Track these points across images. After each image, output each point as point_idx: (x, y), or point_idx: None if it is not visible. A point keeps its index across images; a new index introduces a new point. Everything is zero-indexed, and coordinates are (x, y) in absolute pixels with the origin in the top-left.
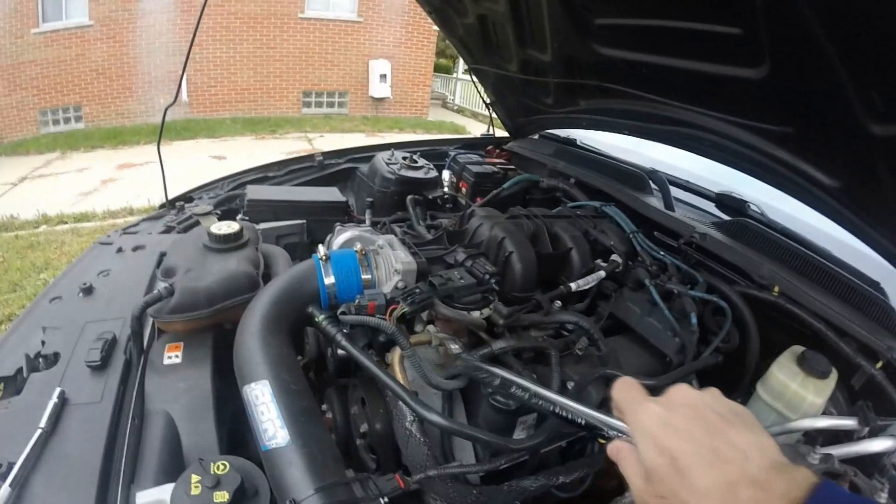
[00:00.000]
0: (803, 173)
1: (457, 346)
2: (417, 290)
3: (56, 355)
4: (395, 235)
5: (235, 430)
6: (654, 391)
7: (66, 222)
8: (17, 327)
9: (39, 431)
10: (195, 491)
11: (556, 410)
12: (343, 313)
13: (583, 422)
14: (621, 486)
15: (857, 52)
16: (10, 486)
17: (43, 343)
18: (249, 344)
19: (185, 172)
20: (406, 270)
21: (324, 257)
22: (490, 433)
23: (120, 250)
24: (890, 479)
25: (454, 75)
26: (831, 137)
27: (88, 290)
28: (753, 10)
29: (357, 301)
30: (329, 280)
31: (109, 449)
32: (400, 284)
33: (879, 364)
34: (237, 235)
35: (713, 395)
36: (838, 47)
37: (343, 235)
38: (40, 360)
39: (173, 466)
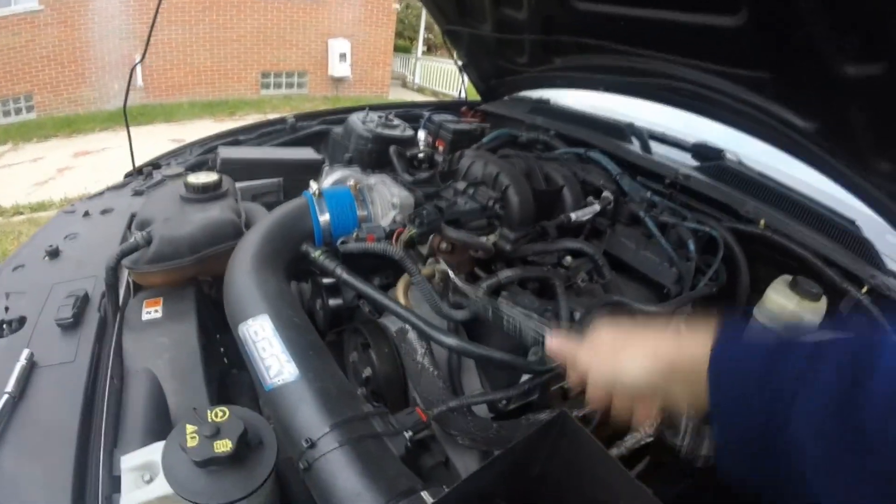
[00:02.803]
0: (779, 118)
1: (459, 279)
2: (425, 212)
3: (22, 319)
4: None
5: (222, 394)
6: (659, 318)
7: (22, 213)
8: None
9: (6, 397)
10: (192, 443)
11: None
12: (344, 242)
13: None
14: (615, 435)
15: None
16: None
17: (7, 309)
18: (242, 281)
19: (145, 157)
20: (404, 204)
21: (316, 193)
22: (512, 355)
23: (87, 214)
24: None
25: (413, 55)
26: (807, 81)
27: (55, 253)
28: None
29: (355, 234)
30: (324, 217)
31: (87, 412)
32: (398, 218)
33: (865, 289)
34: (217, 184)
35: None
36: None
37: (334, 175)
38: (3, 327)
39: (160, 428)
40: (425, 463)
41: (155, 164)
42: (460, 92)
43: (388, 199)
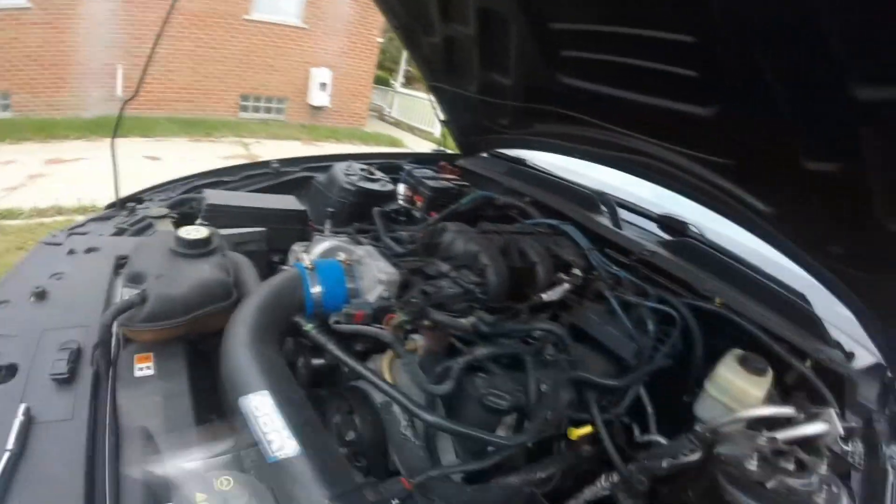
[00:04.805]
0: (742, 201)
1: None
2: (414, 300)
3: (13, 367)
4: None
5: None
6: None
7: None
8: None
9: (7, 454)
10: None
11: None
12: (337, 322)
13: None
14: (575, 486)
15: (801, 100)
16: None
17: None
18: (240, 354)
19: (119, 172)
20: (390, 281)
21: (309, 266)
22: (491, 433)
23: (71, 252)
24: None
25: (392, 88)
26: (770, 171)
27: (41, 295)
28: (713, 57)
29: (345, 310)
30: (316, 289)
31: (90, 471)
32: (385, 294)
33: (809, 363)
34: (207, 241)
35: None
36: (785, 96)
37: (323, 245)
38: None
39: (159, 486)
40: None
41: (138, 199)
42: (441, 143)
43: (375, 275)
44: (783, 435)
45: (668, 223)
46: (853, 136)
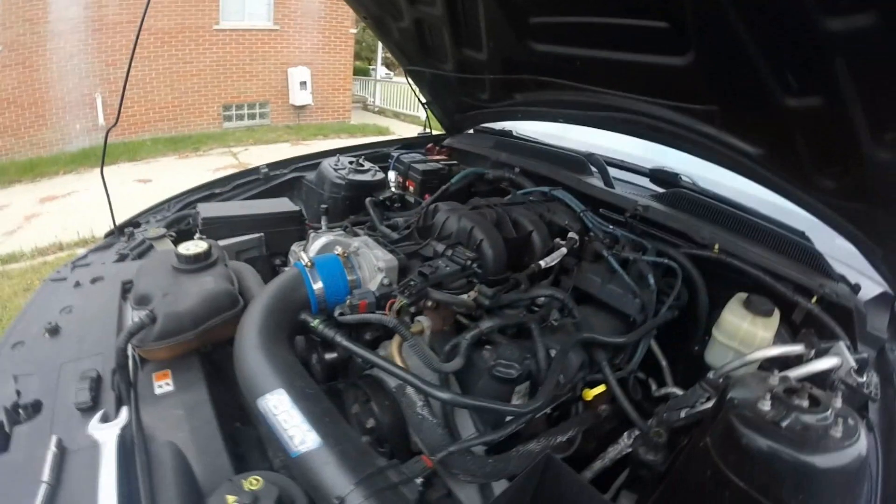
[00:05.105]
0: (729, 145)
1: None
2: (412, 283)
3: (38, 403)
4: (367, 236)
5: (234, 451)
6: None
7: None
8: None
9: (44, 486)
10: None
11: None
12: (342, 314)
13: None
14: (599, 447)
15: (772, 38)
16: None
17: (18, 393)
18: (252, 357)
19: (113, 200)
20: (389, 267)
21: (308, 264)
22: (505, 403)
23: (77, 284)
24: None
25: (372, 77)
26: (752, 112)
27: (55, 330)
28: (681, 7)
29: (348, 301)
30: (317, 285)
31: (124, 493)
32: (385, 281)
33: (814, 299)
34: (207, 254)
35: None
36: (756, 35)
37: (319, 241)
38: (20, 411)
39: (192, 498)
40: (431, 497)
41: (135, 224)
42: (425, 126)
43: (373, 263)
44: (795, 373)
45: (660, 176)
46: (829, 69)
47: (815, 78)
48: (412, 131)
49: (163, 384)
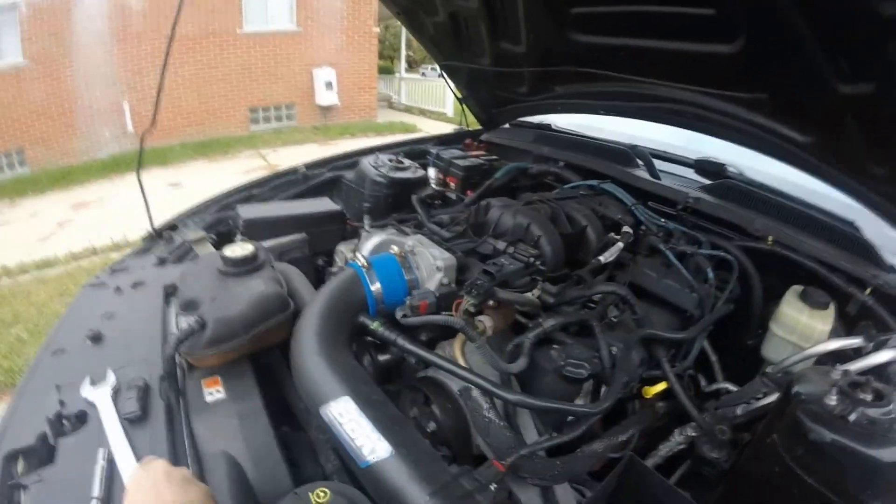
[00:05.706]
0: (779, 134)
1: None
2: (479, 282)
3: (83, 414)
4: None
5: (289, 458)
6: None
7: (27, 271)
8: (23, 390)
9: (94, 502)
10: None
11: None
12: (405, 316)
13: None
14: (648, 445)
15: (825, 23)
16: None
17: (62, 403)
18: (313, 363)
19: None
20: (447, 266)
21: (365, 265)
22: (575, 404)
23: (118, 289)
24: None
25: (396, 75)
26: (803, 99)
27: (97, 338)
28: None
29: (408, 302)
30: (375, 286)
31: None
32: (444, 280)
33: (868, 291)
34: (254, 256)
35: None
36: (808, 21)
37: (372, 241)
38: (64, 421)
39: None
40: (497, 501)
41: (173, 227)
42: (462, 121)
43: (431, 262)
44: (855, 366)
45: (706, 167)
46: (882, 54)
47: (868, 64)
48: (439, 128)
49: (213, 391)
